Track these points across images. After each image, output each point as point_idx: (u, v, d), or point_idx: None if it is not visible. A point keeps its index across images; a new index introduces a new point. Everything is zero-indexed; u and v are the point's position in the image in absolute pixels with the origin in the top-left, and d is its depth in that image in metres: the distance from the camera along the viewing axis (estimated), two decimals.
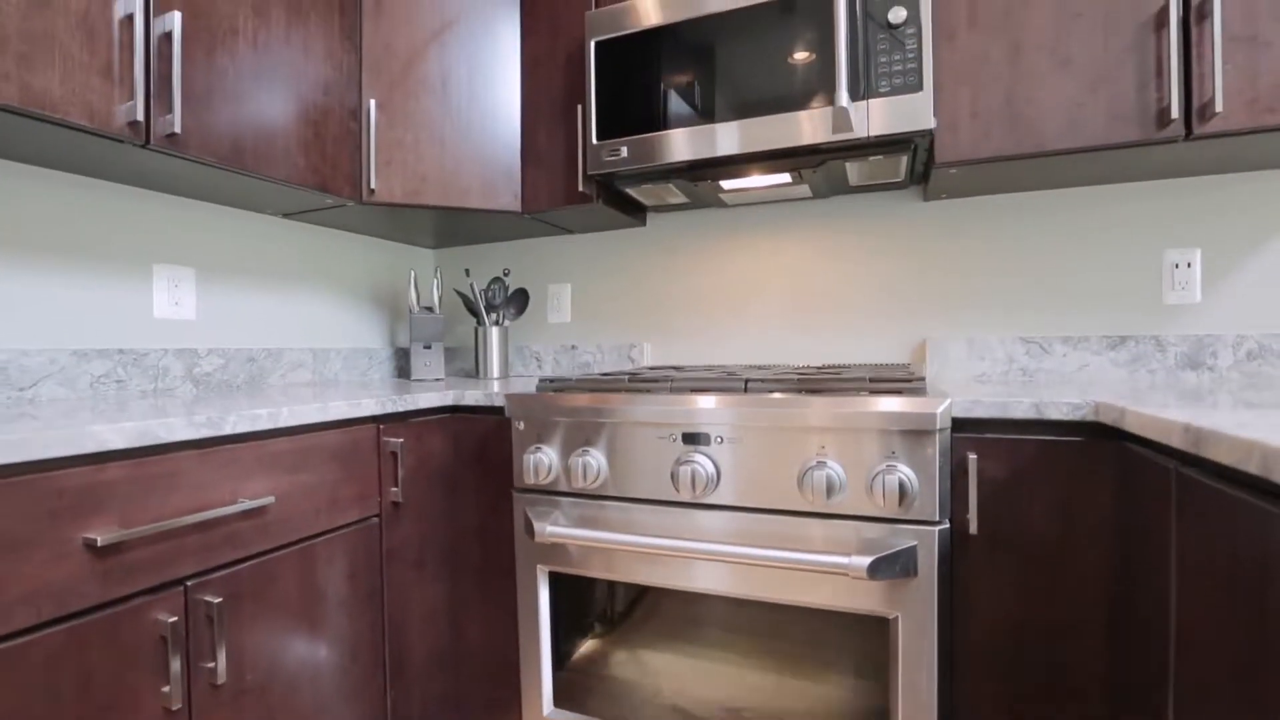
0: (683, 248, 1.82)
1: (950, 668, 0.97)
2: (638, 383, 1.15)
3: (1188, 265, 1.37)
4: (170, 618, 0.83)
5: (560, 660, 1.21)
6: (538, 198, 1.61)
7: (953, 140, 1.25)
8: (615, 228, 1.86)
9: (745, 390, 1.07)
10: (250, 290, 1.59)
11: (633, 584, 1.14)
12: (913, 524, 0.92)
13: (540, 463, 1.12)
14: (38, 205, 1.21)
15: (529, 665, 1.19)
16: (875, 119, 1.23)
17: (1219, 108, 1.07)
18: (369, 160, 1.49)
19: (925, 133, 1.21)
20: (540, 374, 1.97)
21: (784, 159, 1.35)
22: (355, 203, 1.50)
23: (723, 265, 1.78)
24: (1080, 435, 0.91)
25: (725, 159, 1.36)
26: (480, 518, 1.30)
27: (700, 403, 1.03)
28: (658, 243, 1.85)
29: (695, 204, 1.72)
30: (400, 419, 1.23)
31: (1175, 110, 1.10)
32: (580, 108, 1.54)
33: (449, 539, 1.32)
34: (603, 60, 1.44)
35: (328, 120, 1.42)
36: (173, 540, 0.84)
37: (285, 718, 0.99)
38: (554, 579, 1.18)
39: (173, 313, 1.41)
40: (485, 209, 1.60)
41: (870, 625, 0.98)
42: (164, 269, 1.40)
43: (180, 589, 0.85)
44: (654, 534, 1.06)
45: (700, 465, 1.01)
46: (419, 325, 1.77)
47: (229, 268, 1.54)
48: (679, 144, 1.37)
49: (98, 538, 0.75)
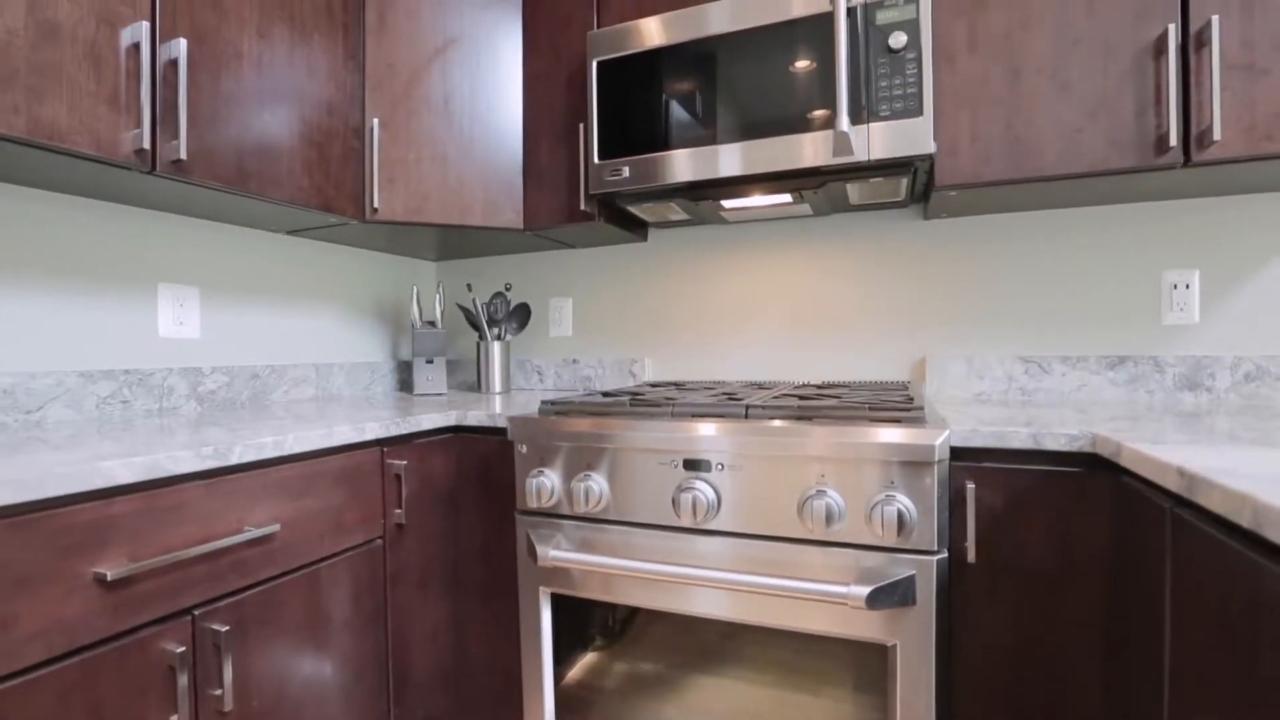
0: (684, 263, 1.83)
1: (949, 694, 0.98)
2: (639, 406, 1.16)
3: (1186, 286, 1.38)
4: (178, 648, 0.84)
5: (561, 674, 1.22)
6: (540, 215, 1.62)
7: (953, 164, 1.25)
8: (617, 243, 1.87)
9: (746, 416, 1.08)
10: (253, 307, 1.60)
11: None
12: (911, 553, 0.93)
13: (543, 486, 1.14)
14: (44, 228, 1.22)
15: (531, 683, 1.20)
16: (876, 143, 1.23)
17: (1217, 135, 1.08)
18: (372, 179, 1.50)
19: (925, 157, 1.21)
20: (542, 387, 1.98)
21: (785, 180, 1.36)
22: (358, 221, 1.51)
23: (724, 281, 1.79)
24: (1077, 466, 0.92)
25: (727, 180, 1.36)
26: (483, 537, 1.31)
27: (701, 430, 1.04)
28: (659, 258, 1.86)
29: (696, 220, 1.72)
30: (403, 441, 1.24)
31: (1174, 138, 1.11)
32: (582, 126, 1.55)
33: (451, 558, 1.34)
34: (604, 80, 1.45)
35: (331, 140, 1.43)
36: (180, 571, 0.85)
37: None
38: (555, 599, 1.19)
39: (177, 332, 1.42)
40: (487, 227, 1.61)
41: (870, 645, 0.99)
42: (169, 289, 1.41)
43: (188, 618, 0.86)
44: (655, 559, 1.07)
45: (701, 492, 1.02)
46: (421, 340, 1.78)
47: (232, 285, 1.55)
48: (681, 165, 1.38)
49: (108, 572, 0.76)
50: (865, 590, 0.89)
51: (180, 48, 1.11)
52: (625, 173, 1.43)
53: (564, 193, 1.60)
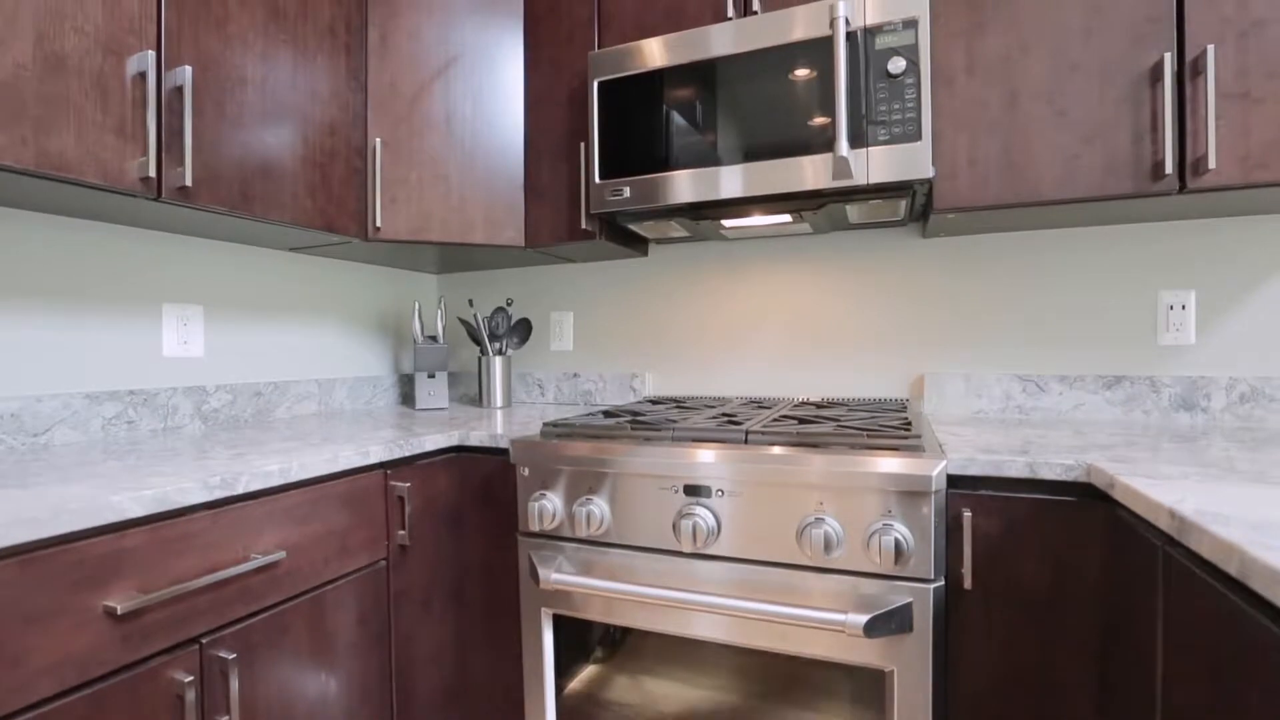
0: (684, 278, 1.84)
1: (945, 719, 0.99)
2: (640, 429, 1.17)
3: (1182, 307, 1.39)
4: (187, 676, 0.85)
5: (562, 685, 1.23)
6: (541, 233, 1.63)
7: (951, 188, 1.27)
8: (617, 258, 1.88)
9: (746, 442, 1.09)
10: (256, 324, 1.61)
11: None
12: (909, 581, 0.94)
13: (545, 509, 1.15)
14: (49, 251, 1.23)
15: (533, 702, 1.21)
16: (875, 167, 1.24)
17: (1212, 164, 1.09)
18: (374, 199, 1.51)
19: (924, 181, 1.22)
20: (543, 400, 1.99)
21: (785, 201, 1.37)
22: (361, 240, 1.52)
23: (724, 296, 1.80)
24: (1072, 495, 0.93)
25: (727, 200, 1.37)
26: (485, 556, 1.33)
27: (701, 456, 1.05)
28: (659, 273, 1.87)
29: (696, 237, 1.74)
30: (406, 463, 1.25)
31: (1169, 165, 1.12)
32: (583, 145, 1.56)
33: (454, 578, 1.35)
34: (605, 100, 1.46)
35: (333, 161, 1.44)
36: (188, 601, 0.87)
37: None
38: (557, 618, 1.21)
39: (181, 351, 1.44)
40: (489, 244, 1.62)
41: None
42: (173, 308, 1.42)
43: (195, 647, 0.88)
44: (656, 583, 1.08)
45: (701, 519, 1.03)
46: (423, 355, 1.79)
47: (235, 303, 1.56)
48: (681, 186, 1.39)
49: (118, 606, 0.77)
50: (863, 619, 0.91)
51: (185, 75, 1.12)
52: (626, 193, 1.44)
53: (565, 210, 1.61)
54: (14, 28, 0.93)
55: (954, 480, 0.98)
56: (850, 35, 1.25)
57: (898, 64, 1.22)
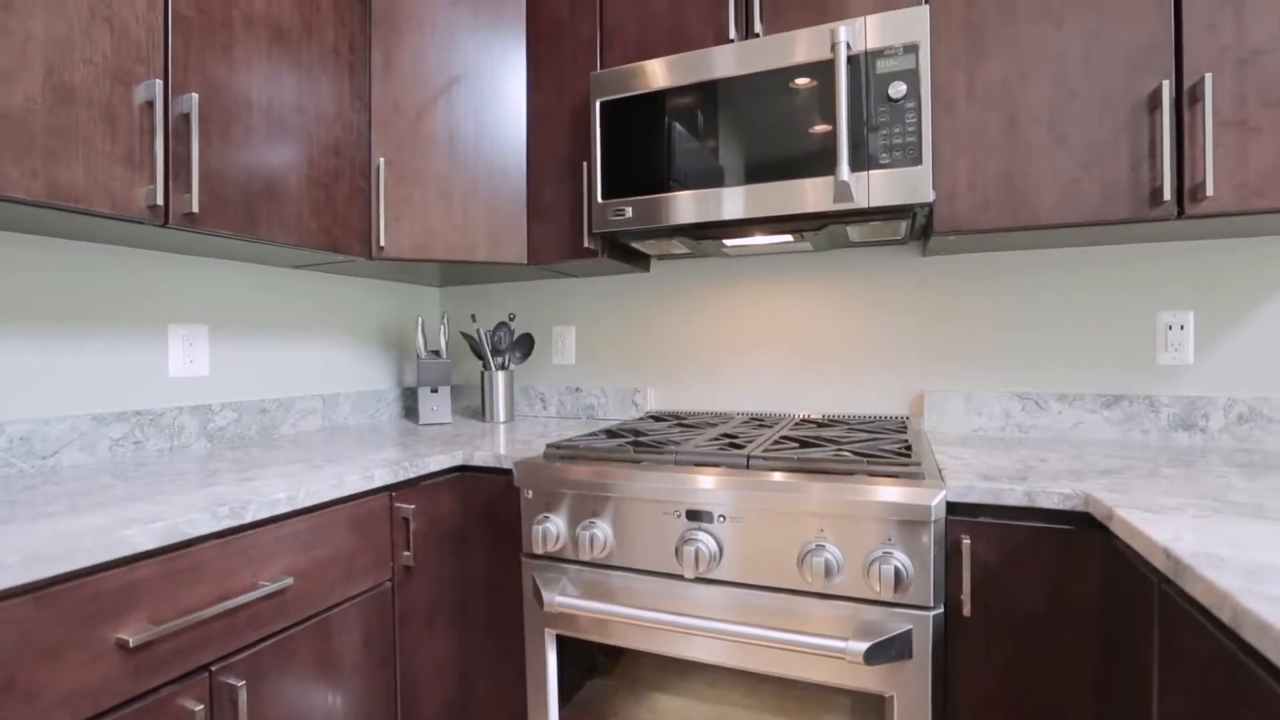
0: (685, 294, 1.85)
1: None
2: (643, 452, 1.18)
3: (1181, 327, 1.40)
4: (197, 705, 0.87)
5: (565, 698, 1.24)
6: (543, 251, 1.64)
7: (951, 211, 1.28)
8: (619, 273, 1.89)
9: (747, 467, 1.11)
10: (261, 341, 1.62)
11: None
12: (908, 608, 0.95)
13: (549, 532, 1.16)
14: (56, 274, 1.24)
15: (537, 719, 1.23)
16: (875, 190, 1.25)
17: (1210, 191, 1.10)
18: (378, 218, 1.52)
19: (924, 205, 1.23)
20: (545, 414, 2.01)
21: (787, 222, 1.38)
22: (365, 259, 1.53)
23: (725, 312, 1.81)
24: (1070, 524, 0.94)
25: (729, 221, 1.38)
26: (488, 575, 1.34)
27: (703, 482, 1.06)
28: (661, 288, 1.88)
29: (698, 254, 1.75)
30: (411, 484, 1.26)
31: (1168, 191, 1.13)
32: (585, 165, 1.57)
33: (458, 596, 1.36)
34: (608, 120, 1.47)
35: (338, 181, 1.45)
36: (198, 629, 0.88)
37: None
38: (560, 638, 1.22)
39: (187, 370, 1.45)
40: (492, 261, 1.63)
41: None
42: (179, 328, 1.43)
43: (205, 675, 0.89)
44: (658, 607, 1.09)
45: (703, 544, 1.04)
46: (426, 370, 1.80)
47: (240, 321, 1.57)
48: (684, 207, 1.40)
49: (130, 638, 0.79)
50: (863, 646, 0.92)
51: (192, 102, 1.13)
52: (628, 213, 1.45)
53: (567, 229, 1.62)
54: (24, 61, 0.94)
55: (953, 507, 0.99)
56: (852, 59, 1.26)
57: (898, 88, 1.23)
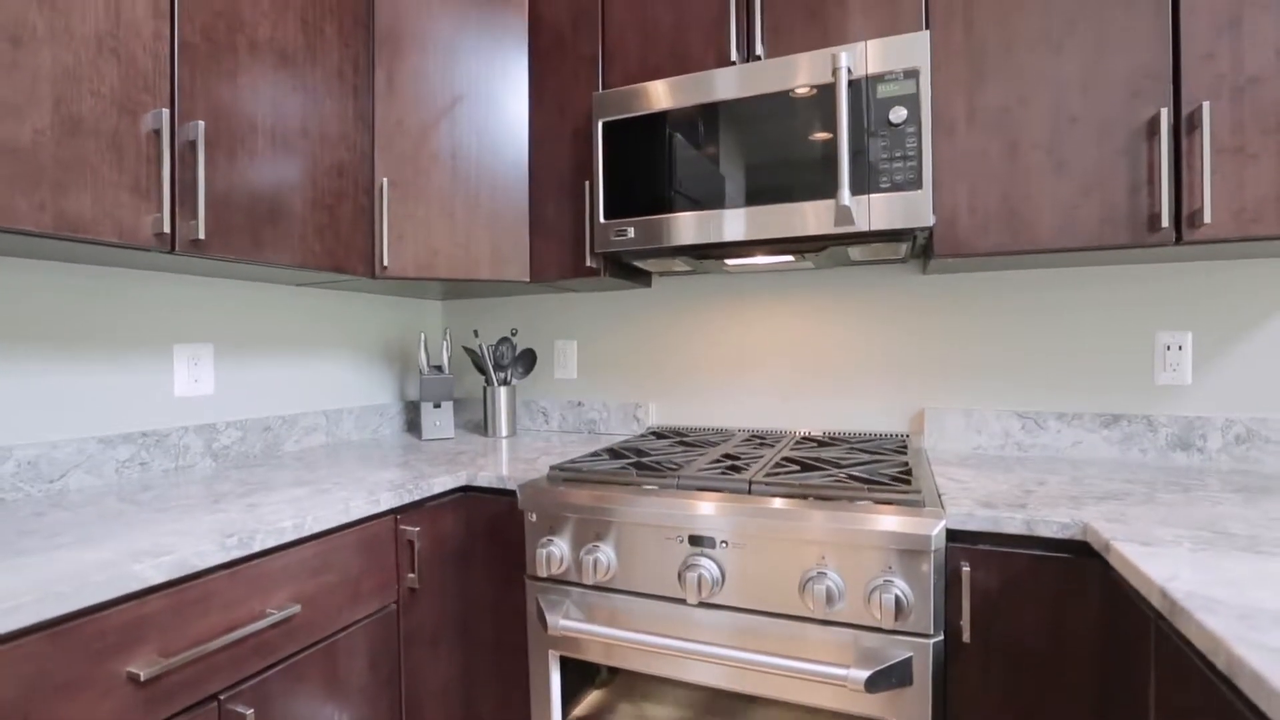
0: (687, 309, 1.86)
1: None
2: (646, 477, 1.19)
3: (1179, 348, 1.41)
4: None
5: (567, 712, 1.25)
6: (546, 269, 1.65)
7: (951, 235, 1.29)
8: (621, 289, 1.90)
9: (749, 491, 1.12)
10: (265, 358, 1.63)
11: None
12: (908, 635, 0.96)
13: (552, 555, 1.17)
14: (62, 297, 1.25)
15: None
16: (876, 214, 1.26)
17: (1208, 218, 1.11)
18: (381, 237, 1.53)
19: (925, 228, 1.24)
20: (547, 428, 2.02)
21: (788, 243, 1.38)
22: (369, 278, 1.54)
23: (726, 327, 1.82)
24: (1069, 553, 0.95)
25: (731, 242, 1.39)
26: (492, 594, 1.35)
27: (705, 508, 1.08)
28: (662, 304, 1.89)
29: (700, 271, 1.75)
30: (416, 506, 1.27)
31: (1166, 218, 1.14)
32: (587, 184, 1.58)
33: (462, 616, 1.37)
34: (610, 140, 1.48)
35: (342, 202, 1.46)
36: (207, 660, 0.89)
37: None
38: (564, 659, 1.23)
39: (192, 390, 1.46)
40: (495, 279, 1.64)
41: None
42: (184, 348, 1.44)
43: (214, 704, 0.90)
44: (661, 631, 1.10)
45: (706, 570, 1.05)
46: (428, 386, 1.81)
47: (244, 339, 1.58)
48: (686, 228, 1.41)
49: (140, 672, 0.80)
50: (864, 674, 0.93)
51: (199, 130, 1.14)
52: (630, 233, 1.46)
53: (570, 247, 1.63)
54: (33, 95, 0.95)
55: (953, 535, 1.00)
56: (853, 84, 1.27)
57: (899, 113, 1.24)
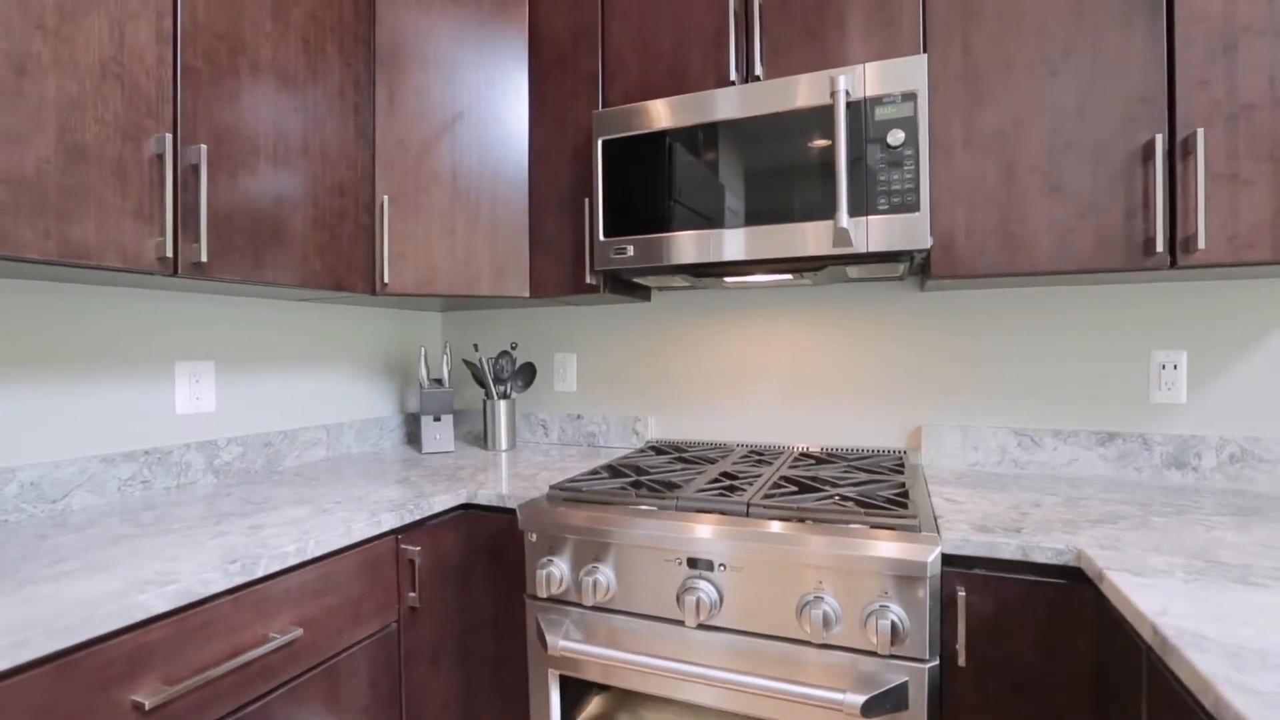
0: (686, 324, 1.87)
1: None
2: (645, 499, 1.20)
3: (1174, 367, 1.42)
4: None
5: None
6: (546, 285, 1.66)
7: (948, 256, 1.30)
8: (621, 303, 1.91)
9: (747, 514, 1.13)
10: (265, 374, 1.64)
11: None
12: (904, 660, 0.97)
13: (552, 576, 1.18)
14: (65, 317, 1.26)
15: None
16: (874, 236, 1.27)
17: (1202, 244, 1.12)
18: (382, 255, 1.54)
19: (922, 250, 1.25)
20: (547, 441, 2.02)
21: (786, 263, 1.39)
22: (369, 295, 1.55)
23: (725, 342, 1.83)
24: (1064, 579, 0.96)
25: (730, 262, 1.40)
26: (492, 612, 1.36)
27: (703, 531, 1.09)
28: (661, 318, 1.90)
29: (698, 286, 1.76)
30: (417, 525, 1.28)
31: (1160, 243, 1.15)
32: (587, 202, 1.59)
33: (462, 634, 1.38)
34: (609, 158, 1.48)
35: (343, 220, 1.47)
36: (210, 686, 0.90)
37: None
38: (563, 678, 1.24)
39: (194, 407, 1.47)
40: (495, 295, 1.65)
41: None
42: (186, 366, 1.45)
43: None
44: (660, 653, 1.11)
45: (704, 593, 1.06)
46: (429, 399, 1.82)
47: (245, 355, 1.59)
48: (685, 247, 1.42)
49: (145, 701, 0.81)
50: (860, 699, 0.94)
51: (201, 153, 1.14)
52: (630, 251, 1.47)
53: (569, 264, 1.63)
54: (37, 123, 0.96)
55: (949, 559, 1.02)
56: (851, 106, 1.28)
57: (897, 136, 1.25)
